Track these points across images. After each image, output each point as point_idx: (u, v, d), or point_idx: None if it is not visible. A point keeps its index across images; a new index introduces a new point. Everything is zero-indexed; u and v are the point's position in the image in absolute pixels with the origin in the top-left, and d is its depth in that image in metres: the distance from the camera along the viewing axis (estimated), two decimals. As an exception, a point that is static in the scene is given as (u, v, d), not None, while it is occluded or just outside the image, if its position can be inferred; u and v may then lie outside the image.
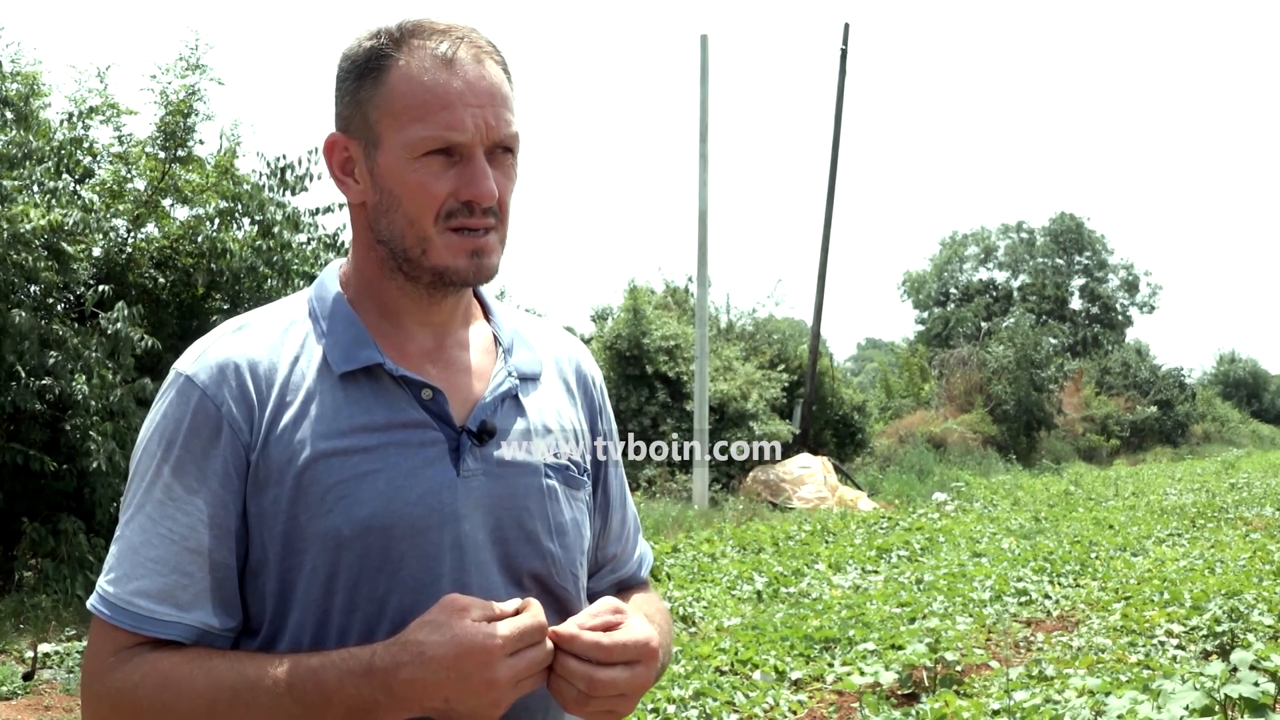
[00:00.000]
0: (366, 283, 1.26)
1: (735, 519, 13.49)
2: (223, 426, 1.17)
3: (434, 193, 1.19)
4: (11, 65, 8.78)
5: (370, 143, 1.21)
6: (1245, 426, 38.25)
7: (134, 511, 1.18)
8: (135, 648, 1.16)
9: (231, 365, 1.19)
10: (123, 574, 1.16)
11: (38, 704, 5.52)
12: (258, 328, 1.24)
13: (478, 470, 1.23)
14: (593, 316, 21.98)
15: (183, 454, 1.17)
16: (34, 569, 7.83)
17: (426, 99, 1.18)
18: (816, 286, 20.94)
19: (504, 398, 1.27)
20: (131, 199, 9.26)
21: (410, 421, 1.21)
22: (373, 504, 1.17)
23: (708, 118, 16.07)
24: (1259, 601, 7.24)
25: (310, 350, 1.22)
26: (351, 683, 1.09)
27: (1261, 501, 15.30)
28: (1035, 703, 5.04)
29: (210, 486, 1.17)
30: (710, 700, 5.22)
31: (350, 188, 1.24)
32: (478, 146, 1.19)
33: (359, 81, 1.22)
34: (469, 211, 1.20)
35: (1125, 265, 47.01)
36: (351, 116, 1.23)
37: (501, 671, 1.08)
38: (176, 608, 1.15)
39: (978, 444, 24.38)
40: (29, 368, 7.70)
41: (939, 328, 42.79)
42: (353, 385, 1.21)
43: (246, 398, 1.18)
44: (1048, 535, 11.76)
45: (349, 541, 1.17)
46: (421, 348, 1.26)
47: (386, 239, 1.22)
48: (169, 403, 1.20)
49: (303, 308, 1.27)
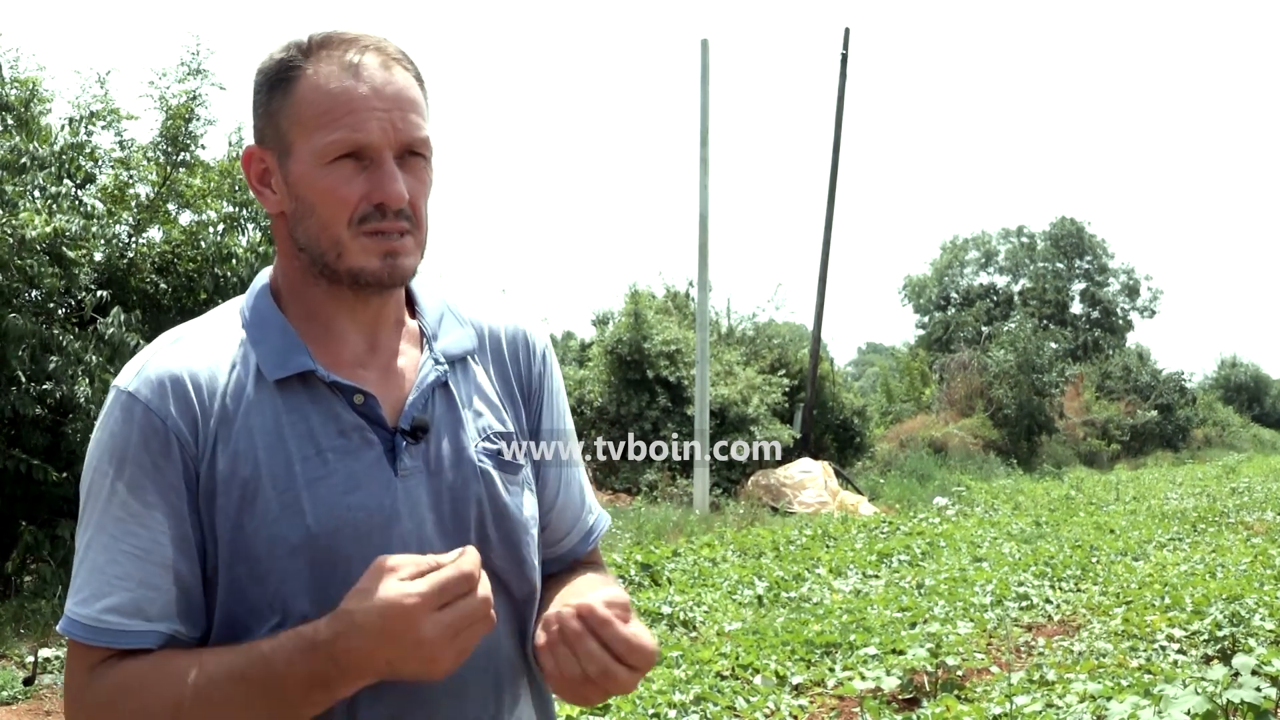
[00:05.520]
0: (293, 290, 1.28)
1: (736, 523, 13.47)
2: (170, 440, 1.18)
3: (344, 197, 1.20)
4: (12, 71, 8.80)
5: (283, 152, 1.23)
6: (1246, 431, 38.22)
7: (94, 531, 1.18)
8: (106, 661, 1.17)
9: (172, 378, 1.19)
10: (90, 594, 1.17)
11: (38, 709, 5.52)
12: (194, 339, 1.25)
13: (415, 468, 1.24)
14: (594, 321, 22.03)
15: (135, 470, 1.17)
16: (33, 574, 7.82)
17: (332, 105, 1.19)
18: (817, 291, 20.95)
19: (432, 389, 1.28)
20: (133, 204, 9.27)
21: (346, 427, 1.22)
22: (317, 512, 1.18)
23: (708, 122, 16.09)
24: (1260, 606, 7.23)
25: (247, 359, 1.23)
26: (300, 660, 1.11)
27: (1263, 506, 15.29)
28: (1036, 708, 5.04)
29: (168, 499, 1.17)
30: (711, 705, 5.22)
31: (268, 198, 1.26)
32: (386, 150, 1.20)
33: (270, 93, 1.23)
34: (381, 215, 1.21)
35: (1126, 269, 47.04)
36: (265, 128, 1.24)
37: (428, 629, 1.07)
38: (146, 620, 1.17)
39: (979, 448, 24.38)
40: (29, 372, 7.70)
41: (939, 332, 42.81)
42: (289, 393, 1.22)
43: (190, 410, 1.19)
44: (1049, 540, 11.75)
45: (298, 549, 1.18)
46: (354, 351, 1.27)
47: (305, 245, 1.23)
48: (115, 420, 1.20)
49: (235, 317, 1.28)
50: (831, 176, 20.88)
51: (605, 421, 17.30)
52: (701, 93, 16.07)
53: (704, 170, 15.97)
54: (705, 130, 16.06)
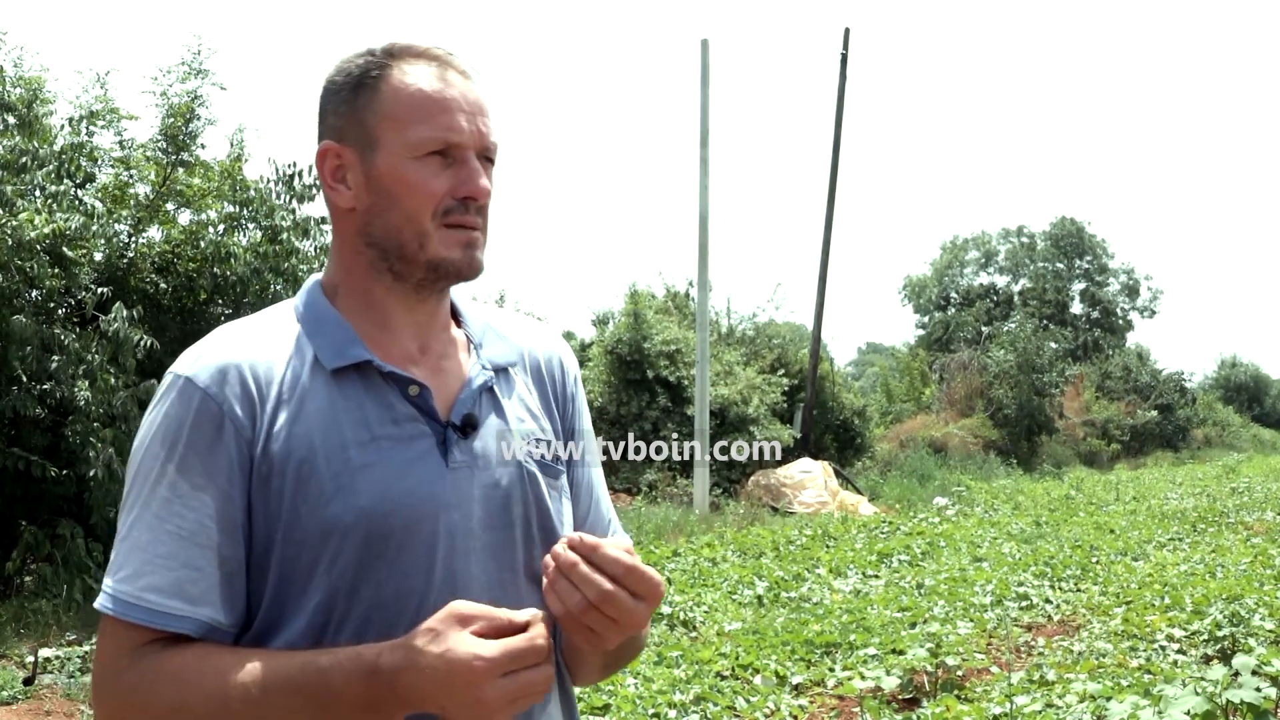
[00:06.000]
0: (353, 287, 1.32)
1: (736, 523, 13.48)
2: (225, 424, 1.21)
3: (433, 190, 1.27)
4: (15, 70, 8.80)
5: (368, 147, 1.28)
6: (1246, 431, 38.25)
7: (139, 511, 1.21)
8: (147, 646, 1.18)
9: (231, 366, 1.24)
10: (131, 571, 1.18)
11: (38, 709, 5.52)
12: (250, 331, 1.30)
13: (464, 462, 1.28)
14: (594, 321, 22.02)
15: (187, 452, 1.20)
16: (33, 574, 7.83)
17: (426, 103, 1.27)
18: (817, 291, 20.96)
19: (480, 391, 1.33)
20: (132, 203, 9.27)
21: (400, 416, 1.27)
22: (371, 494, 1.22)
23: (708, 122, 16.09)
24: (1260, 606, 7.24)
25: (302, 350, 1.28)
26: (358, 682, 1.13)
27: (1262, 506, 15.29)
28: (1036, 707, 5.04)
29: (216, 483, 1.20)
30: (711, 705, 5.22)
31: (341, 194, 1.31)
32: (470, 149, 1.29)
33: (355, 92, 1.30)
34: (464, 209, 1.28)
35: (1126, 269, 47.07)
36: (345, 126, 1.30)
37: (489, 693, 1.10)
38: (187, 601, 1.18)
39: (978, 448, 24.38)
40: (30, 372, 7.70)
41: (939, 332, 42.82)
42: (344, 382, 1.26)
43: (247, 396, 1.23)
44: (1049, 540, 11.75)
45: (350, 530, 1.21)
46: (405, 348, 1.32)
47: (379, 239, 1.29)
48: (170, 404, 1.23)
49: (289, 313, 1.33)
50: (831, 176, 20.89)
51: (605, 421, 17.30)
52: (701, 93, 16.08)
53: (704, 170, 15.98)
54: (705, 130, 16.07)
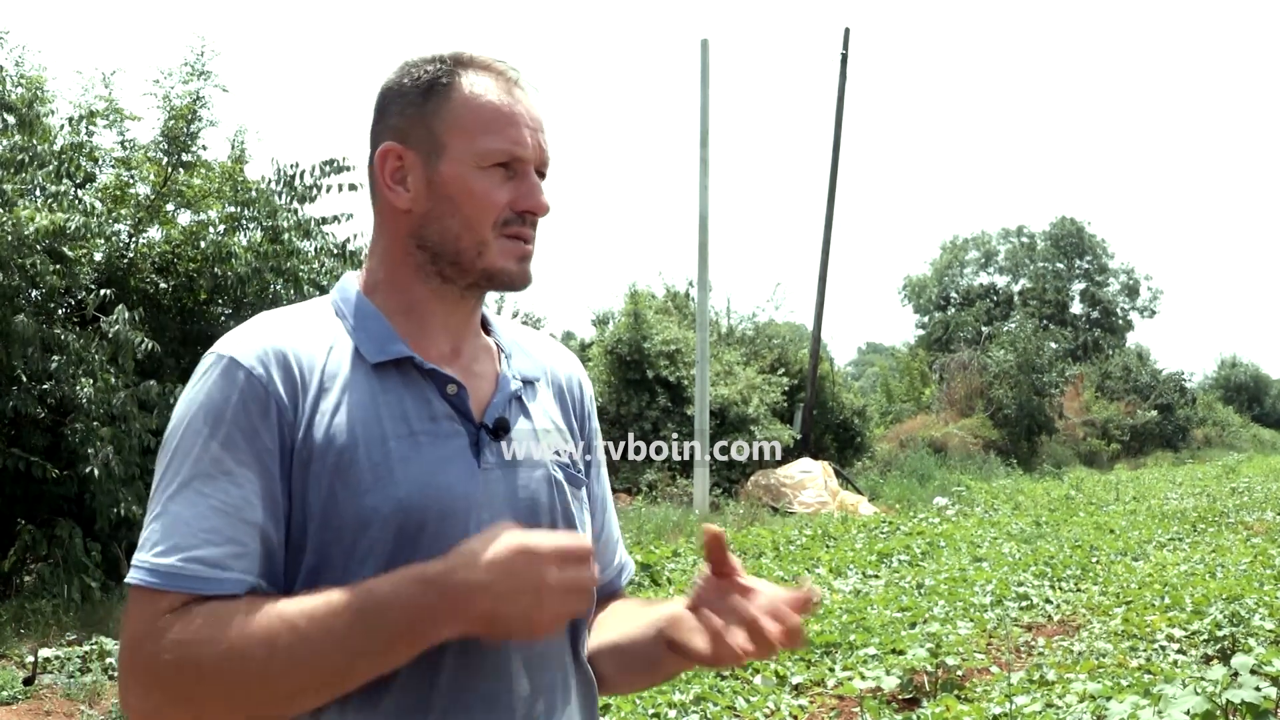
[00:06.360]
0: (395, 286, 1.35)
1: (736, 523, 13.48)
2: (270, 405, 1.22)
3: (496, 200, 1.30)
4: (16, 69, 8.80)
5: (433, 153, 1.31)
6: (1246, 431, 38.27)
7: (178, 487, 1.19)
8: (188, 605, 1.16)
9: (275, 349, 1.25)
10: (173, 545, 1.17)
11: (38, 709, 5.52)
12: (290, 320, 1.31)
13: (494, 464, 1.31)
14: (593, 321, 22.03)
15: (231, 429, 1.20)
16: (33, 574, 7.82)
17: (496, 115, 1.31)
18: (817, 291, 20.97)
19: (510, 398, 1.37)
20: (133, 204, 9.27)
21: (437, 414, 1.29)
22: (409, 486, 1.23)
23: (708, 122, 16.10)
24: (1260, 606, 7.24)
25: (342, 343, 1.30)
26: (406, 588, 1.14)
27: (1262, 506, 15.30)
28: (1036, 707, 5.05)
29: (261, 461, 1.21)
30: (711, 705, 5.22)
31: (399, 195, 1.32)
32: (531, 164, 1.32)
33: (423, 96, 1.32)
34: (522, 222, 1.32)
35: (1126, 269, 47.06)
36: (411, 129, 1.32)
37: (551, 574, 1.13)
38: (230, 572, 1.18)
39: (978, 448, 24.39)
40: (31, 372, 7.69)
41: (939, 332, 42.82)
42: (384, 376, 1.28)
43: (291, 380, 1.24)
44: (1048, 540, 11.75)
45: (387, 520, 1.22)
46: (440, 350, 1.34)
47: (434, 243, 1.32)
48: (213, 382, 1.23)
49: (327, 308, 1.35)
50: (831, 176, 20.89)
51: (605, 421, 17.30)
52: (701, 93, 16.08)
53: (704, 170, 15.98)
54: (705, 130, 16.07)
